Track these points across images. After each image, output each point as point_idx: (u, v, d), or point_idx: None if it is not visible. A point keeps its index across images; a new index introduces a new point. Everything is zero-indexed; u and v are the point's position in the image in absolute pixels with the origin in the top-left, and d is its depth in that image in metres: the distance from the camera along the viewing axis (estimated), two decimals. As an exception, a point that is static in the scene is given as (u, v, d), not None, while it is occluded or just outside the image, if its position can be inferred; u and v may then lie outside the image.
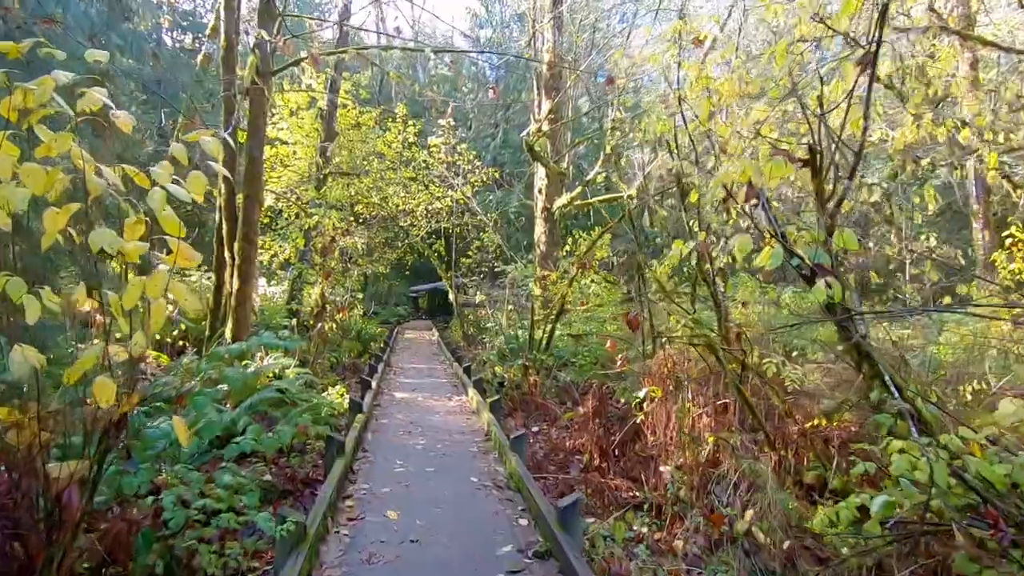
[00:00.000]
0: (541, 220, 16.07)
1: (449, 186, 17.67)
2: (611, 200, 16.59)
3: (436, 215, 18.31)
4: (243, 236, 7.98)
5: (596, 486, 5.42)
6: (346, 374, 11.74)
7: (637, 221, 7.35)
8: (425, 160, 18.56)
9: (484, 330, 17.24)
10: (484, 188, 21.09)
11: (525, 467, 4.50)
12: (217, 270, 8.69)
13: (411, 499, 4.00)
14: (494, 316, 16.01)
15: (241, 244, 7.97)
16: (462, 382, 9.31)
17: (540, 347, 9.73)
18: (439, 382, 10.02)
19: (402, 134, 18.16)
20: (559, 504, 3.09)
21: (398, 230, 20.23)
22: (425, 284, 27.50)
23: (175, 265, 2.02)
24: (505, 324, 15.28)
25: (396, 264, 24.09)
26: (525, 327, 14.42)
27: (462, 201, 17.84)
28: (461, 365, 10.44)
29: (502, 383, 9.40)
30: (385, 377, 9.88)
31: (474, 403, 7.71)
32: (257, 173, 8.02)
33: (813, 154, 3.43)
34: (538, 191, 16.23)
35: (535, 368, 9.44)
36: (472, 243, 19.67)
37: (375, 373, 9.07)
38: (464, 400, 8.36)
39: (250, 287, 8.05)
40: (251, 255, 8.02)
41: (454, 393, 8.91)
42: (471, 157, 17.49)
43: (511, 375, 9.53)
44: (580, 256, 9.09)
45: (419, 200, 18.04)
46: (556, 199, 15.82)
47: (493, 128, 28.07)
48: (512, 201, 24.01)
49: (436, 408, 7.66)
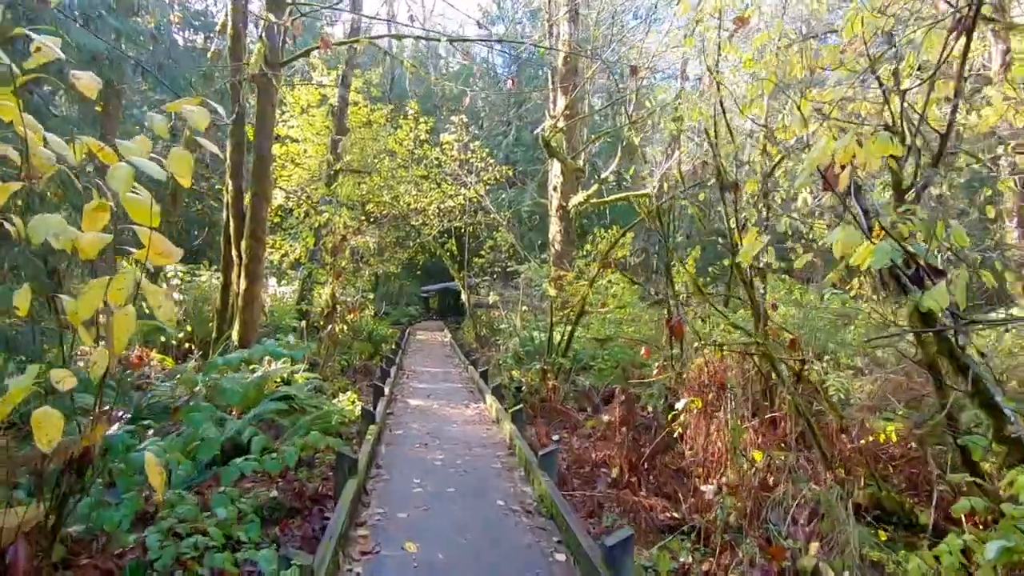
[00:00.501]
0: (556, 219, 15.63)
1: (462, 184, 17.26)
2: (628, 198, 16.12)
3: (448, 214, 17.92)
4: (251, 234, 7.62)
5: (628, 505, 4.97)
6: (357, 377, 11.38)
7: (665, 217, 6.88)
8: (437, 158, 18.20)
9: (497, 331, 16.84)
10: (497, 186, 20.69)
11: (557, 488, 4.06)
12: (224, 270, 8.36)
13: (431, 527, 3.58)
14: (508, 317, 15.59)
15: (249, 242, 7.61)
16: (479, 388, 8.88)
17: (559, 350, 9.29)
18: (455, 387, 9.61)
19: (414, 131, 17.81)
20: (606, 543, 2.66)
21: (410, 229, 19.88)
22: (436, 284, 27.15)
23: (147, 261, 1.62)
24: (519, 325, 14.86)
25: (407, 264, 23.77)
26: (540, 328, 14.01)
27: (475, 199, 17.44)
28: (476, 369, 10.03)
29: (519, 388, 8.98)
30: (398, 382, 9.50)
31: (493, 411, 7.28)
32: (265, 169, 7.66)
33: (893, 136, 2.95)
34: (553, 189, 15.79)
35: (553, 372, 9.01)
36: (485, 242, 19.27)
37: (387, 377, 8.69)
38: (482, 408, 7.97)
39: (258, 287, 7.69)
40: (259, 254, 7.66)
41: (471, 400, 8.51)
42: (484, 154, 17.08)
43: (528, 379, 9.11)
44: (601, 255, 8.64)
45: (431, 198, 17.66)
46: (572, 197, 15.37)
47: (505, 126, 27.64)
48: (525, 200, 23.57)
49: (453, 417, 7.25)
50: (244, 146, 7.92)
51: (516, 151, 25.97)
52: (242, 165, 7.86)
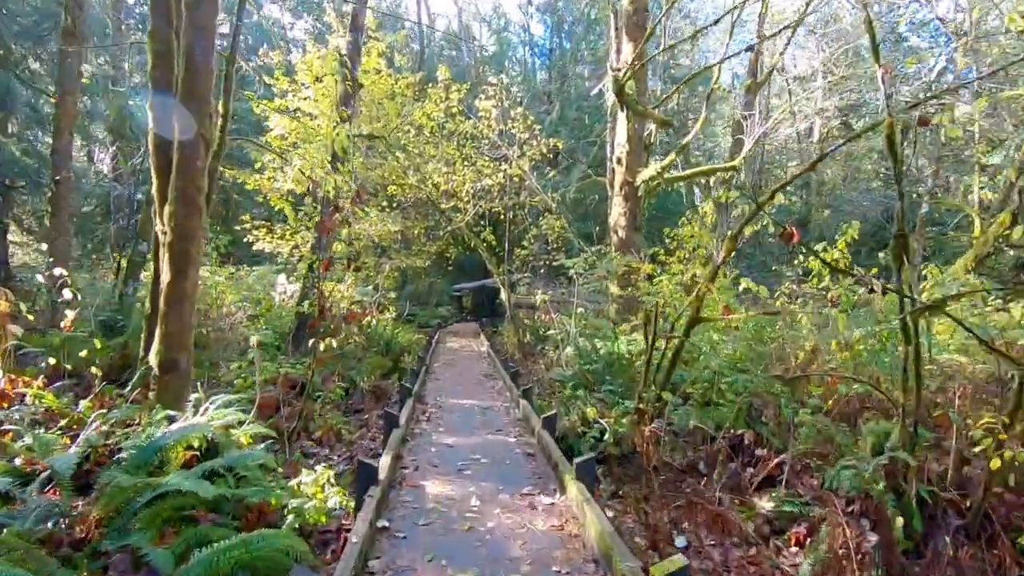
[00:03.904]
0: (620, 198, 12.42)
1: (502, 158, 14.23)
2: (715, 171, 12.76)
3: (485, 195, 14.91)
4: (178, 196, 4.74)
5: None
6: (366, 404, 8.47)
7: (901, 152, 3.66)
8: (470, 133, 15.23)
9: (544, 338, 13.76)
10: (538, 166, 17.61)
11: None
12: (155, 254, 5.55)
13: None
14: (560, 321, 12.46)
15: (175, 208, 4.74)
16: (546, 454, 5.38)
17: (656, 377, 6.15)
18: (504, 445, 5.95)
19: (444, 102, 14.89)
20: None
21: (440, 217, 16.99)
22: (469, 282, 24.25)
23: None
24: (574, 332, 11.73)
25: (437, 258, 20.88)
26: (599, 335, 10.81)
27: (517, 177, 14.37)
28: (529, 402, 6.97)
29: (600, 436, 5.87)
30: (412, 431, 6.27)
31: (586, 521, 3.74)
32: (199, 86, 4.75)
33: None
34: (616, 160, 12.59)
35: (651, 411, 5.88)
36: (528, 231, 16.19)
37: (393, 427, 5.59)
38: (559, 503, 4.36)
39: (190, 281, 4.81)
40: (192, 227, 4.78)
41: (536, 484, 4.75)
42: (529, 122, 13.98)
43: (611, 421, 6.00)
44: (732, 236, 5.44)
45: (464, 177, 14.70)
46: (640, 171, 12.14)
47: (547, 103, 24.51)
48: (571, 184, 20.41)
49: (512, 532, 3.78)
50: (173, 56, 5.06)
51: (560, 130, 22.78)
52: (169, 85, 5.00)
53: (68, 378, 5.78)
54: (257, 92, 14.29)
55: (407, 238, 18.87)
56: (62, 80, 10.03)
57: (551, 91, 24.35)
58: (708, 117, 12.16)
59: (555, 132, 24.81)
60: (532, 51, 29.05)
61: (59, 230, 10.36)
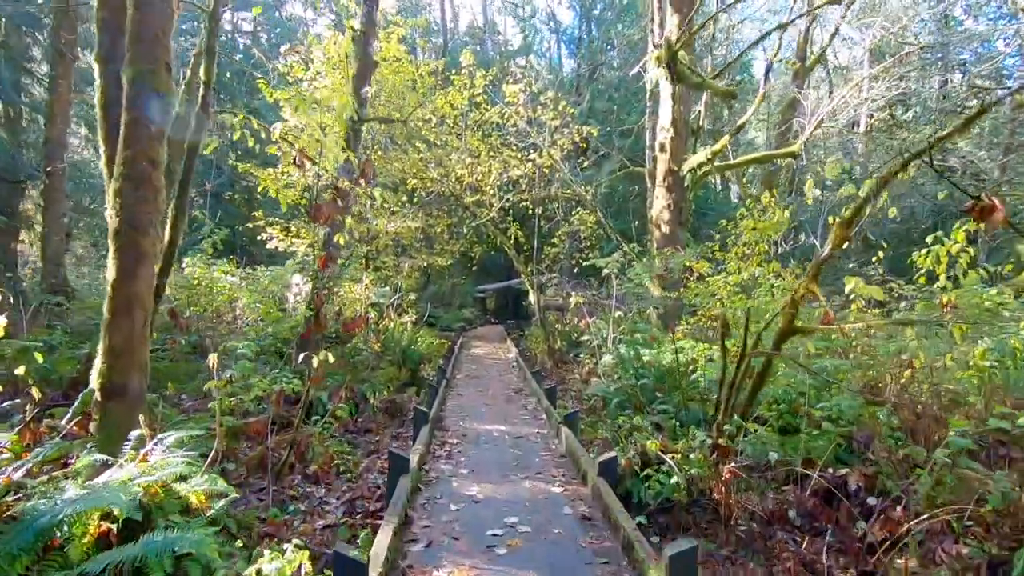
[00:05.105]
0: (663, 189, 11.10)
1: (531, 146, 13.02)
2: (772, 158, 11.33)
3: (513, 187, 13.71)
4: (125, 172, 3.67)
5: None
6: (376, 424, 7.35)
7: None
8: (496, 120, 14.05)
9: (578, 344, 12.49)
10: (570, 156, 16.33)
11: None
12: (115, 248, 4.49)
13: None
14: (595, 326, 11.17)
15: (119, 187, 3.66)
16: (610, 520, 3.93)
17: (736, 400, 4.86)
18: (548, 505, 4.35)
19: (468, 90, 13.75)
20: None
21: (463, 213, 15.87)
22: (493, 283, 23.09)
23: None
24: (612, 337, 10.44)
25: (461, 257, 19.76)
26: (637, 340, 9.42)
27: (548, 167, 13.13)
28: (573, 431, 5.71)
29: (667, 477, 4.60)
30: (426, 477, 4.92)
31: None
32: (154, 32, 3.67)
33: None
34: (659, 147, 11.27)
35: (733, 449, 4.60)
36: (559, 226, 14.95)
37: (402, 472, 4.29)
38: None
39: (141, 282, 3.72)
40: (144, 213, 3.69)
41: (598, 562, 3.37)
42: (562, 107, 12.71)
43: (678, 458, 4.71)
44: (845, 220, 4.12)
45: (490, 168, 13.53)
46: (687, 158, 10.81)
47: (576, 95, 23.20)
48: (602, 177, 19.08)
49: None
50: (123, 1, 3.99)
51: (591, 122, 21.47)
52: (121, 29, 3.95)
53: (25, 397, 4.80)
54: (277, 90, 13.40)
55: (429, 236, 17.82)
56: (54, 62, 9.20)
57: (580, 82, 23.03)
58: (767, 94, 10.74)
59: (585, 124, 23.55)
60: (560, 40, 27.76)
61: (53, 225, 9.54)
